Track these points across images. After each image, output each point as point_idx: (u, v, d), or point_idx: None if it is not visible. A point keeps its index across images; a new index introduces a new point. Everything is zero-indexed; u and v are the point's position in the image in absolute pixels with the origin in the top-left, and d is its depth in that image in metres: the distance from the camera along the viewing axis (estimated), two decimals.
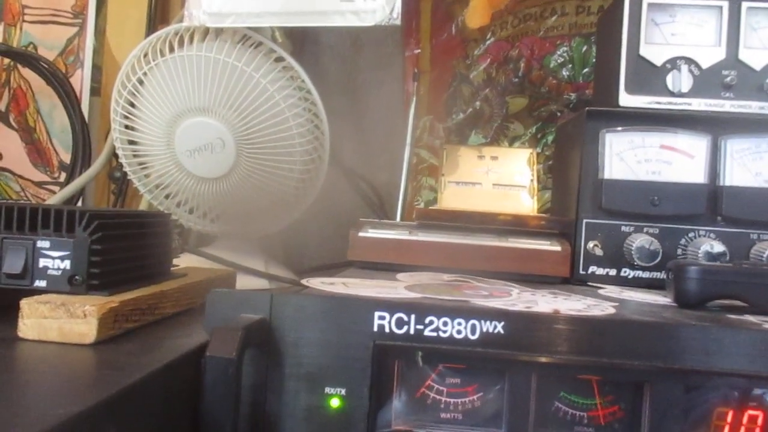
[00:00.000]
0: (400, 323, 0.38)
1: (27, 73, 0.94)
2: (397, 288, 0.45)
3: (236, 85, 0.66)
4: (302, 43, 1.01)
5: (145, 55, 0.69)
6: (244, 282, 0.70)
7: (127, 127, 0.71)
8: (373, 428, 0.39)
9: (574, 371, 0.39)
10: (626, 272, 0.60)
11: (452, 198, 0.68)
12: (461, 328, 0.38)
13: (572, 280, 0.60)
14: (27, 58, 0.87)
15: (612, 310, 0.42)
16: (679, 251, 0.59)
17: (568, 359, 0.38)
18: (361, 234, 0.62)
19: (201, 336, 0.41)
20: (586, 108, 0.60)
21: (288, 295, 0.39)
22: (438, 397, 0.40)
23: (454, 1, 1.02)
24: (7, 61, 0.95)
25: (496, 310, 0.39)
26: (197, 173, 0.70)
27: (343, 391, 0.38)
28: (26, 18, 0.98)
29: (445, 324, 0.38)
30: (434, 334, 0.38)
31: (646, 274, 0.59)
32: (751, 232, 0.58)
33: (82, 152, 0.84)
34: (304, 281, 0.47)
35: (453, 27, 1.04)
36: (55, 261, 0.42)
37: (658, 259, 0.58)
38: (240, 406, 0.34)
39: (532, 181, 0.68)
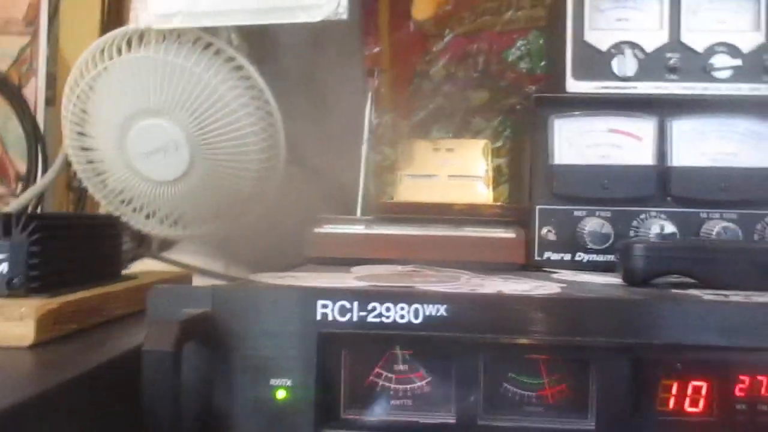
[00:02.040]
0: (343, 311, 0.38)
1: None
2: (347, 279, 0.45)
3: (186, 86, 0.65)
4: (261, 44, 1.00)
5: (94, 59, 0.68)
6: (202, 284, 0.69)
7: (80, 133, 0.70)
8: (322, 418, 0.38)
9: (521, 351, 0.39)
10: (581, 256, 0.60)
11: (409, 191, 0.68)
12: (404, 312, 0.38)
13: (529, 266, 0.61)
14: None
15: (558, 290, 0.43)
16: (632, 233, 0.60)
17: (514, 339, 0.38)
18: (317, 230, 0.61)
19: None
20: (534, 95, 0.61)
21: (230, 287, 0.38)
22: (386, 384, 0.40)
23: None
24: None
25: (439, 293, 0.39)
26: (152, 177, 0.69)
27: (289, 382, 0.38)
28: None
29: (388, 309, 0.38)
30: (378, 320, 0.38)
31: (600, 258, 0.60)
32: (701, 211, 0.59)
33: (36, 162, 0.83)
34: (253, 276, 0.47)
35: (411, 24, 1.04)
36: None
37: (611, 241, 0.58)
38: (181, 400, 0.34)
39: (487, 171, 0.69)
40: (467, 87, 1.02)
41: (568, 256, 0.60)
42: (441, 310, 0.38)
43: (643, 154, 0.59)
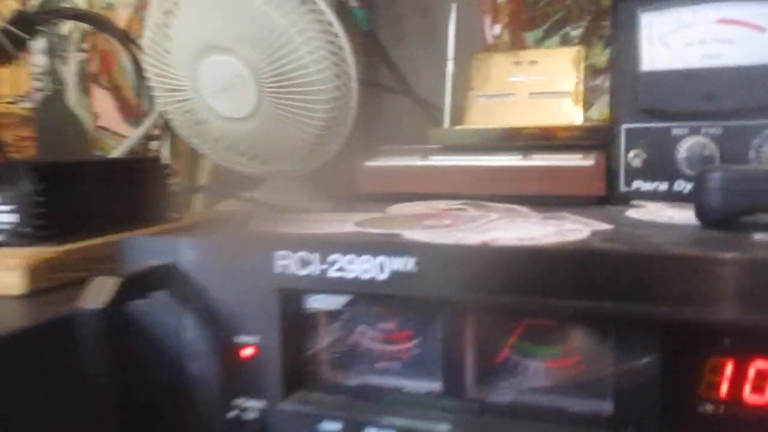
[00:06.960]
0: (303, 263, 0.33)
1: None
2: (347, 223, 0.40)
3: (251, 22, 0.63)
4: None
5: None
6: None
7: (159, 75, 0.71)
8: (293, 379, 0.35)
9: (515, 315, 0.32)
10: (681, 185, 0.48)
11: (481, 114, 0.59)
12: (368, 266, 0.32)
13: (612, 198, 0.50)
14: (92, 19, 0.91)
15: (584, 235, 0.34)
16: (752, 154, 0.46)
17: (501, 300, 0.30)
18: (367, 163, 0.56)
19: None
20: None
21: (190, 237, 0.35)
22: (358, 347, 0.35)
23: None
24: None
25: (408, 243, 0.32)
26: (224, 114, 0.68)
27: (254, 341, 0.35)
28: None
29: (350, 262, 0.32)
30: (339, 274, 0.33)
31: None
32: None
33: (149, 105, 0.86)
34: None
35: None
36: (3, 215, 0.42)
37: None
38: (121, 361, 0.32)
39: (577, 84, 0.57)
40: None
41: (663, 186, 0.49)
42: (410, 263, 0.31)
43: (766, 49, 0.45)
